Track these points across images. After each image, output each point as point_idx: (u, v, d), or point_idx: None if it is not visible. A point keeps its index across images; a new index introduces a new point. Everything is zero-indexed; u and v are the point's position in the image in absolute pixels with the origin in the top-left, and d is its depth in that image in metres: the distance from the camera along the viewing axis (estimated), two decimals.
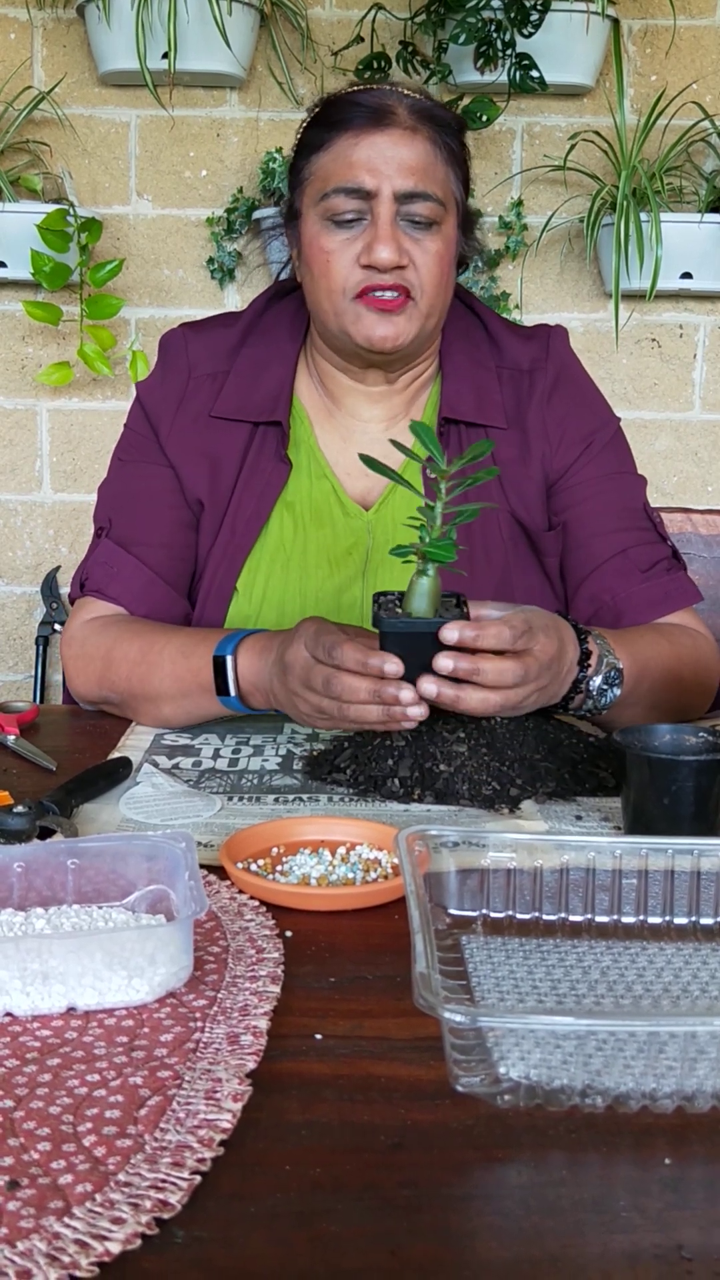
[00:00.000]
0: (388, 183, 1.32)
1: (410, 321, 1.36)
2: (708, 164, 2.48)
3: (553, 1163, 0.63)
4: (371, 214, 1.33)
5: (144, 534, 1.45)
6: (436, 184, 1.34)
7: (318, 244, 1.36)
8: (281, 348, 1.48)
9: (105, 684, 1.37)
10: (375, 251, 1.32)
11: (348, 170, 1.33)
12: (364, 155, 1.32)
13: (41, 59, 2.49)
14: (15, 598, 2.65)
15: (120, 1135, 0.64)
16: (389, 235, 1.32)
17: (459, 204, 1.39)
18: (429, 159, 1.34)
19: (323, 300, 1.38)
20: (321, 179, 1.35)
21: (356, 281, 1.34)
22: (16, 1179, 0.60)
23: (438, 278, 1.36)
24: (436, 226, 1.35)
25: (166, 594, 1.44)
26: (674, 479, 2.63)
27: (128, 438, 1.51)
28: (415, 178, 1.32)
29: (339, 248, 1.34)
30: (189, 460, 1.45)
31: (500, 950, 0.83)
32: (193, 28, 2.27)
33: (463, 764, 1.14)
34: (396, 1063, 0.72)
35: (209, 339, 1.49)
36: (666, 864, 0.87)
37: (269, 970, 0.82)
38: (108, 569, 1.44)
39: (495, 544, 1.44)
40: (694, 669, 1.33)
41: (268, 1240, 0.57)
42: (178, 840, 0.88)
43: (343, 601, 1.43)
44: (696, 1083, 0.66)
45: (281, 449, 1.44)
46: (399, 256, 1.32)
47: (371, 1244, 0.57)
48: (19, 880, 0.88)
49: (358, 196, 1.33)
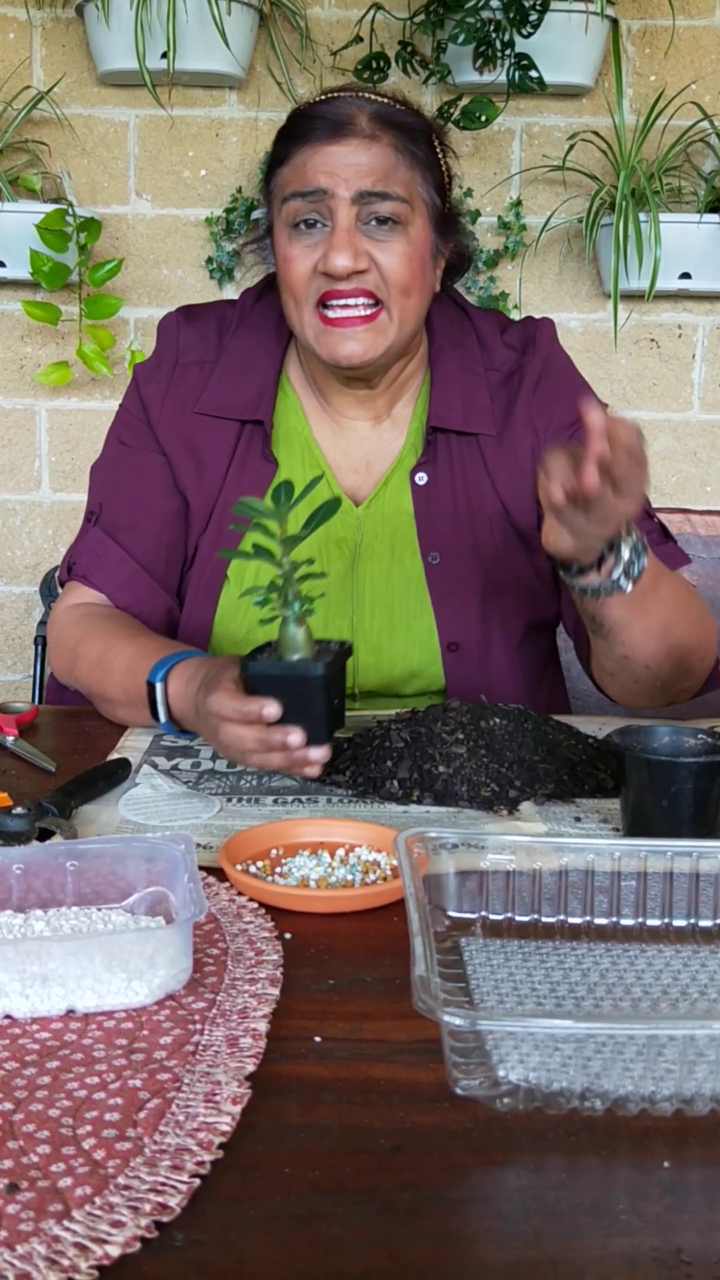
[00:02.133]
0: (344, 185, 1.31)
1: (380, 336, 1.35)
2: (707, 164, 2.48)
3: (552, 1166, 0.63)
4: (331, 219, 1.32)
5: (133, 523, 1.46)
6: (399, 185, 1.33)
7: (282, 253, 1.36)
8: (269, 343, 1.48)
9: (72, 675, 1.42)
10: (330, 259, 1.30)
11: (305, 176, 1.32)
12: (320, 162, 1.32)
13: (40, 58, 2.49)
14: (14, 597, 2.65)
15: (119, 1138, 0.64)
16: (345, 242, 1.30)
17: (429, 205, 1.37)
18: (390, 163, 1.32)
19: (291, 312, 1.38)
20: (281, 188, 1.36)
21: (316, 289, 1.33)
22: (16, 1182, 0.60)
23: (405, 279, 1.34)
24: (401, 227, 1.33)
25: (150, 586, 1.45)
26: (673, 479, 2.63)
27: (124, 419, 1.52)
28: (374, 179, 1.31)
29: (300, 255, 1.34)
30: (175, 450, 1.46)
31: (499, 952, 0.83)
32: (192, 27, 2.27)
33: (461, 765, 1.14)
34: (396, 1065, 0.72)
35: (201, 327, 1.50)
36: (665, 866, 0.87)
37: (268, 972, 0.82)
38: (94, 556, 1.46)
39: (486, 544, 1.44)
40: (699, 609, 1.33)
41: (267, 1243, 0.57)
42: (177, 842, 0.88)
43: (332, 595, 1.43)
44: (695, 1086, 0.66)
45: (266, 448, 1.45)
46: (355, 261, 1.30)
47: (371, 1247, 0.57)
48: (18, 882, 0.88)
49: (315, 198, 1.32)
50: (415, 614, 1.43)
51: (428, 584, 1.43)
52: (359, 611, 1.43)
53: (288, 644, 1.10)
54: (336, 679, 1.10)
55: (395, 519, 1.45)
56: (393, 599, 1.43)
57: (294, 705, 1.06)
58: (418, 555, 1.44)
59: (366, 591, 1.44)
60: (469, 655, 1.43)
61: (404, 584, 1.43)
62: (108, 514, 1.47)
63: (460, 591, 1.43)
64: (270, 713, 1.06)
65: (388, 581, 1.43)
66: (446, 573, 1.43)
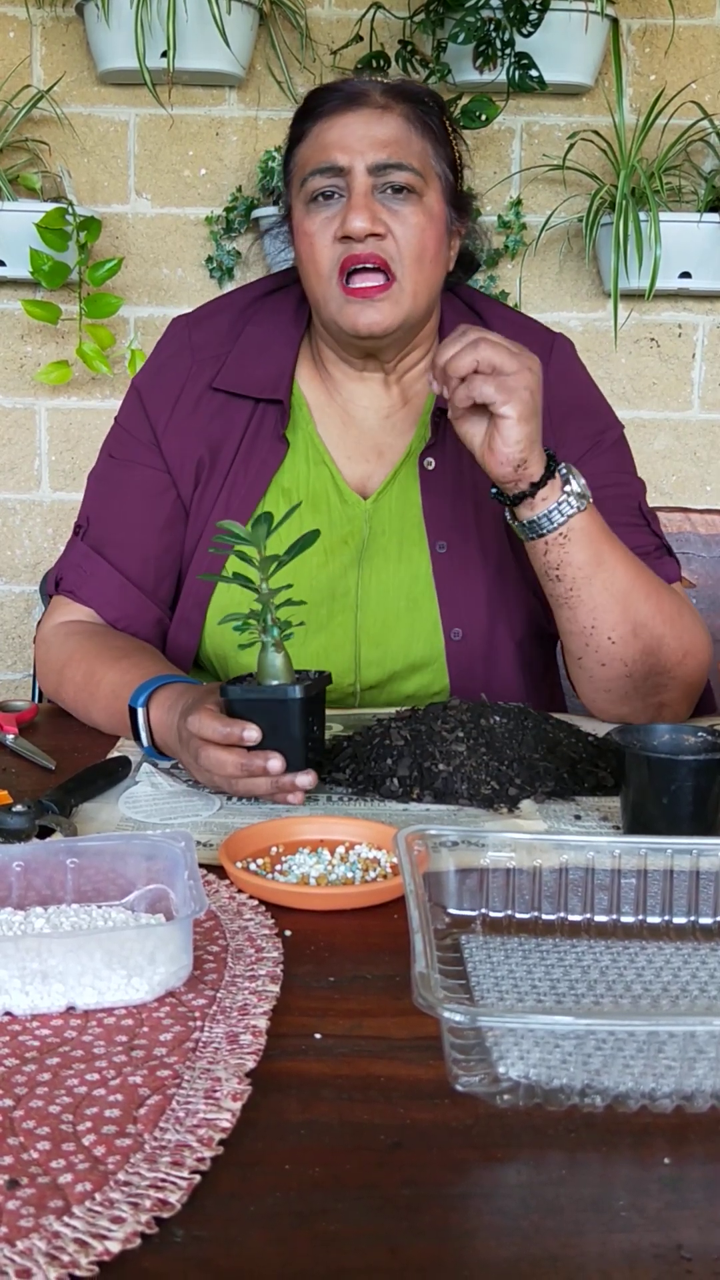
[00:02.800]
0: (360, 158, 1.33)
1: (396, 305, 1.36)
2: (707, 163, 2.48)
3: (552, 1162, 0.63)
4: (348, 189, 1.34)
5: (122, 538, 1.46)
6: (412, 155, 1.35)
7: (302, 229, 1.37)
8: (285, 331, 1.48)
9: (58, 697, 1.42)
10: (348, 221, 1.32)
11: (322, 152, 1.35)
12: (336, 135, 1.34)
13: (40, 57, 2.49)
14: (14, 596, 2.65)
15: (120, 1134, 0.64)
16: (361, 205, 1.32)
17: (442, 178, 1.39)
18: (403, 133, 1.35)
19: (314, 287, 1.39)
20: (301, 166, 1.38)
21: (336, 257, 1.35)
22: (16, 1178, 0.60)
23: (419, 250, 1.35)
24: (416, 196, 1.35)
25: (139, 599, 1.45)
26: (673, 478, 2.63)
27: (118, 434, 1.51)
28: (388, 150, 1.33)
29: (319, 228, 1.36)
30: (189, 449, 1.45)
31: (499, 950, 0.83)
32: (192, 27, 2.27)
33: (461, 763, 1.14)
34: (396, 1062, 0.72)
35: (210, 325, 1.50)
36: (665, 864, 0.87)
37: (268, 969, 0.82)
38: (81, 571, 1.46)
39: (492, 533, 1.44)
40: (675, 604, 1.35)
41: (267, 1239, 0.57)
42: (177, 839, 0.88)
43: (336, 590, 1.43)
44: (695, 1082, 0.66)
45: (280, 428, 1.45)
46: (371, 224, 1.32)
47: (371, 1243, 0.57)
48: (18, 879, 0.88)
49: (332, 174, 1.34)
50: (421, 606, 1.43)
51: (434, 573, 1.43)
52: (363, 608, 1.43)
53: (266, 670, 1.11)
54: (315, 704, 1.11)
55: (404, 512, 1.45)
56: (398, 594, 1.43)
57: (273, 730, 1.07)
58: (425, 549, 1.44)
59: (373, 587, 1.43)
60: (473, 645, 1.43)
61: (410, 578, 1.43)
62: (95, 528, 1.47)
63: (467, 578, 1.43)
64: (250, 736, 1.07)
65: (395, 577, 1.43)
66: (453, 560, 1.43)
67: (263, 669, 1.11)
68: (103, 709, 1.32)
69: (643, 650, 1.31)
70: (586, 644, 1.32)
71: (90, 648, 1.38)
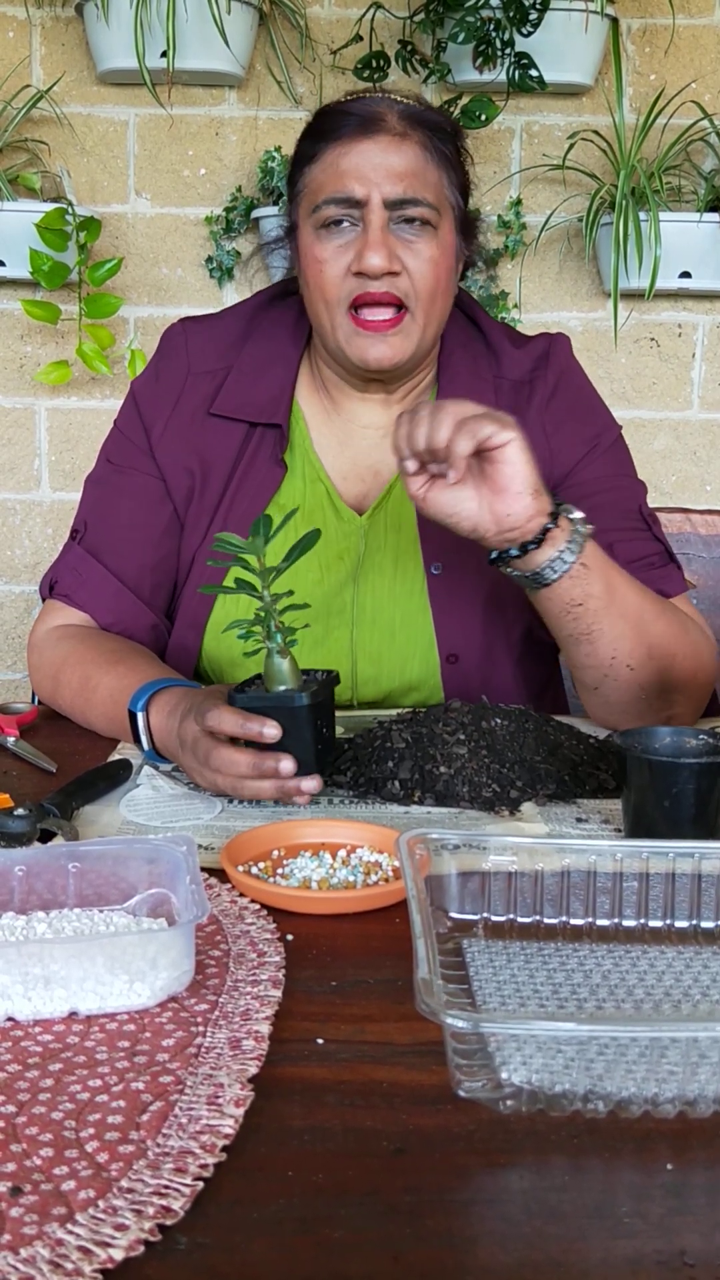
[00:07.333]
0: (376, 190, 1.31)
1: (406, 339, 1.35)
2: (706, 163, 2.48)
3: (555, 1168, 0.63)
4: (363, 221, 1.32)
5: (118, 543, 1.45)
6: (429, 189, 1.33)
7: (311, 254, 1.35)
8: (284, 349, 1.47)
9: (54, 701, 1.41)
10: (365, 258, 1.30)
11: (337, 180, 1.32)
12: (353, 164, 1.32)
13: (40, 57, 2.49)
14: (14, 597, 2.65)
15: (123, 1141, 0.64)
16: (379, 241, 1.30)
17: (455, 208, 1.38)
18: (420, 164, 1.33)
19: (320, 313, 1.37)
20: (313, 191, 1.35)
21: (349, 291, 1.33)
22: (19, 1185, 0.60)
23: (433, 285, 1.34)
24: (431, 230, 1.33)
25: (134, 605, 1.44)
26: (673, 478, 2.63)
27: (116, 438, 1.51)
28: (405, 183, 1.31)
29: (331, 256, 1.33)
30: (181, 458, 1.45)
31: (501, 954, 0.83)
32: (191, 26, 2.27)
33: (463, 766, 1.14)
34: (398, 1067, 0.72)
35: (210, 335, 1.48)
36: (667, 867, 0.87)
37: (270, 974, 0.82)
38: (76, 575, 1.45)
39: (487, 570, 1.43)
40: (677, 618, 1.33)
41: (270, 1246, 0.57)
42: (178, 843, 0.88)
43: (332, 606, 1.42)
44: (698, 1088, 0.66)
45: (278, 452, 1.44)
46: (389, 262, 1.30)
47: (374, 1249, 0.57)
48: (20, 884, 0.88)
49: (348, 205, 1.32)
50: (416, 626, 1.42)
51: (429, 595, 1.42)
52: (359, 624, 1.42)
53: (273, 675, 1.10)
54: (324, 708, 1.11)
55: (399, 529, 1.44)
56: (394, 611, 1.42)
57: (284, 734, 1.07)
58: (420, 566, 1.43)
59: (368, 604, 1.42)
60: (469, 668, 1.42)
61: (406, 596, 1.42)
62: (92, 532, 1.46)
63: (462, 602, 1.42)
64: (269, 733, 1.06)
65: (390, 594, 1.42)
66: (449, 583, 1.42)
67: (269, 674, 1.11)
68: (100, 713, 1.32)
69: (657, 670, 1.30)
70: (605, 675, 1.30)
71: (85, 651, 1.37)
